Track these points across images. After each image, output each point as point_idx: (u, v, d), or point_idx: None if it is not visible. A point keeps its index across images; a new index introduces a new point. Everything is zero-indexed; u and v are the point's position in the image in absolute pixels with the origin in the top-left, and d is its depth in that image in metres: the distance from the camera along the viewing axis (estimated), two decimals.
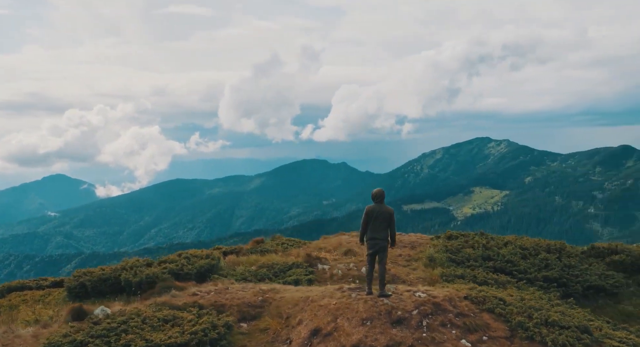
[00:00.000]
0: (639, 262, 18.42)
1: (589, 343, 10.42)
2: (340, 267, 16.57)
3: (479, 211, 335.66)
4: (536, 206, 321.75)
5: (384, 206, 11.93)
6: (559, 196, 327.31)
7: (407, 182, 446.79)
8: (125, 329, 10.50)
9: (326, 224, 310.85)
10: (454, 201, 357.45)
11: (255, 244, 21.02)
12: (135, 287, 16.46)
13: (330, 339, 10.27)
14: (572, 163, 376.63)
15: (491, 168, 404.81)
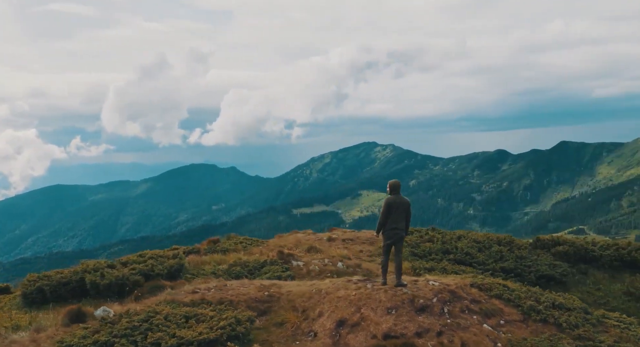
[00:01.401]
0: (580, 252, 19.86)
1: (594, 323, 11.23)
2: (315, 263, 16.65)
3: (367, 213, 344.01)
4: (420, 208, 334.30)
5: (402, 197, 12.21)
6: (441, 198, 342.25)
7: (297, 186, 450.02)
8: (149, 328, 10.06)
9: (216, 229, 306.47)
10: (343, 204, 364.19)
11: (211, 243, 20.58)
12: (103, 290, 15.70)
13: (359, 329, 10.38)
14: (452, 167, 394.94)
15: (378, 172, 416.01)
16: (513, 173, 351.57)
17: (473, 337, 10.18)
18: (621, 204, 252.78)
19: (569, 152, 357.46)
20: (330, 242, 20.60)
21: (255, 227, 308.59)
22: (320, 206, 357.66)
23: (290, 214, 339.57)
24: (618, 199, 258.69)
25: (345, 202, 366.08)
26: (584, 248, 19.88)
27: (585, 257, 19.75)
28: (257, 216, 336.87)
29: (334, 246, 20.01)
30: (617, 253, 19.61)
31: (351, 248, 19.74)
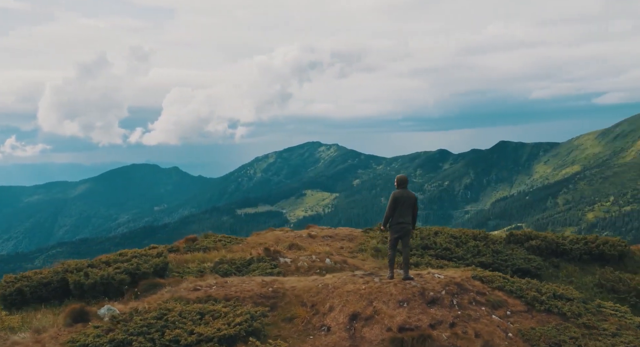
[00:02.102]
0: (552, 246, 20.52)
1: (594, 312, 11.67)
2: (303, 259, 16.64)
3: (311, 213, 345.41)
4: (364, 207, 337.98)
5: (408, 192, 12.34)
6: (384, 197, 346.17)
7: (241, 186, 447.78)
8: (165, 325, 9.86)
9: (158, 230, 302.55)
10: (287, 204, 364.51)
11: (189, 242, 20.29)
12: (87, 290, 15.29)
13: (373, 322, 10.47)
14: (395, 166, 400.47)
15: (322, 171, 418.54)
16: (454, 172, 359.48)
17: (485, 328, 10.43)
18: (557, 202, 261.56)
19: (508, 152, 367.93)
20: (310, 239, 20.64)
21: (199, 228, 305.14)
22: (264, 206, 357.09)
23: (234, 214, 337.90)
24: (554, 197, 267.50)
25: (289, 202, 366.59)
26: (555, 242, 20.56)
27: (557, 251, 20.42)
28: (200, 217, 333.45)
29: (315, 243, 20.06)
30: (586, 247, 20.34)
31: (332, 245, 19.83)
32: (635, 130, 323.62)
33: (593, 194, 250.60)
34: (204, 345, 9.38)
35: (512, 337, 10.36)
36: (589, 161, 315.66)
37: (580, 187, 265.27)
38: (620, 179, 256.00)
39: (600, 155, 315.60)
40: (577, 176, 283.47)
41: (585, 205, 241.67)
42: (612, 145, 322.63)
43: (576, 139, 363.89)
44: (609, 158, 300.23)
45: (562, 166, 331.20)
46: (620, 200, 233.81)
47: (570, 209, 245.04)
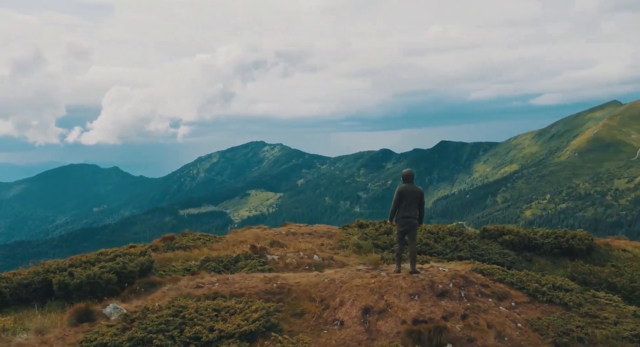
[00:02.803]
0: (524, 241, 21.12)
1: (592, 301, 12.09)
2: (291, 256, 16.60)
3: (255, 213, 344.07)
4: (308, 207, 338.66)
5: (414, 186, 12.44)
6: (328, 196, 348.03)
7: (184, 186, 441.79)
8: (183, 322, 9.69)
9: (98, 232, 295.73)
10: (231, 204, 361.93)
11: (168, 240, 19.91)
12: (73, 290, 14.84)
13: (387, 315, 10.56)
14: (339, 166, 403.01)
15: (266, 171, 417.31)
16: (397, 171, 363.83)
17: (495, 319, 10.68)
18: (496, 200, 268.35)
19: (449, 152, 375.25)
20: (290, 236, 20.58)
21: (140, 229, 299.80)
22: (208, 206, 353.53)
23: (177, 214, 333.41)
24: (493, 195, 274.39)
25: (233, 201, 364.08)
26: (528, 237, 21.17)
27: (529, 245, 21.03)
28: (142, 218, 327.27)
29: (295, 240, 20.03)
30: (556, 241, 21.02)
31: (312, 242, 19.84)
32: (570, 130, 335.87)
33: (530, 192, 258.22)
34: (225, 341, 9.28)
35: (521, 327, 10.65)
36: (526, 160, 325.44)
37: (519, 186, 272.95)
38: (556, 178, 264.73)
39: (537, 155, 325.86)
40: (516, 175, 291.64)
41: (523, 203, 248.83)
42: (548, 145, 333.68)
43: (514, 139, 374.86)
44: (545, 157, 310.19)
45: (501, 165, 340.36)
46: (556, 198, 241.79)
47: (509, 207, 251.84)
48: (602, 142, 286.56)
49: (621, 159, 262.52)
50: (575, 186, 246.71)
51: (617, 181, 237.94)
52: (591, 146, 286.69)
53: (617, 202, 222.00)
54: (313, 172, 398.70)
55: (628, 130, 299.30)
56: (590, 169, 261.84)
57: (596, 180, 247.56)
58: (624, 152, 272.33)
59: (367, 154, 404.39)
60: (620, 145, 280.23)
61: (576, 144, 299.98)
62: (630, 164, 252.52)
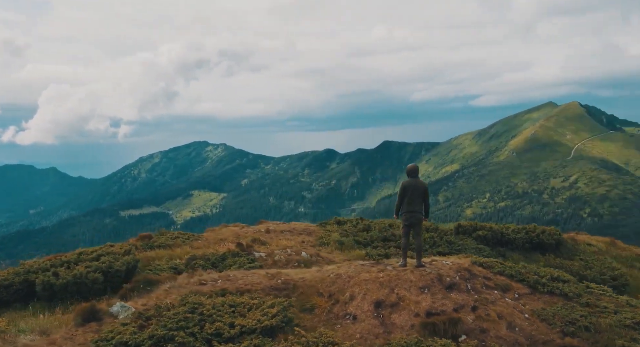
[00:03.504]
0: (497, 236, 21.62)
1: (588, 292, 12.49)
2: (278, 253, 16.48)
3: (199, 213, 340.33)
4: (252, 207, 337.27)
5: (418, 181, 12.52)
6: (272, 196, 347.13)
7: (124, 187, 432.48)
8: (202, 319, 9.50)
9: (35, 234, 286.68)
10: (173, 205, 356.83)
11: (145, 240, 19.46)
12: (58, 291, 14.35)
13: (400, 309, 10.63)
14: (284, 166, 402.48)
15: (209, 171, 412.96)
16: (341, 171, 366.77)
17: (504, 310, 10.91)
18: (438, 199, 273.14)
19: (392, 151, 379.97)
20: (269, 234, 20.45)
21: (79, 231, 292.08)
22: (150, 207, 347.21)
23: (117, 216, 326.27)
24: (435, 194, 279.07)
25: (176, 202, 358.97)
26: (501, 232, 21.69)
27: (502, 240, 21.54)
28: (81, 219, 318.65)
29: (275, 237, 19.91)
30: (527, 236, 21.61)
31: (293, 239, 19.78)
32: (508, 131, 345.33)
33: (471, 191, 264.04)
34: (247, 337, 9.16)
35: (528, 317, 10.92)
36: (467, 160, 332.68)
37: (459, 185, 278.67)
38: (495, 177, 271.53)
39: (477, 155, 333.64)
40: (457, 174, 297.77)
41: (464, 201, 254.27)
42: (487, 145, 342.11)
43: (455, 139, 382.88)
44: (485, 157, 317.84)
45: (442, 165, 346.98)
46: (495, 197, 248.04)
47: (450, 206, 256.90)
48: (538, 143, 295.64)
49: (557, 159, 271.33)
50: (513, 185, 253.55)
51: (553, 180, 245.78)
52: (528, 146, 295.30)
53: (553, 200, 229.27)
54: (257, 172, 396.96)
55: (563, 131, 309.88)
56: (527, 168, 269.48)
57: (533, 179, 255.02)
58: (559, 152, 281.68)
59: (311, 154, 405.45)
60: (555, 146, 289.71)
61: (514, 144, 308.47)
62: (565, 164, 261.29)
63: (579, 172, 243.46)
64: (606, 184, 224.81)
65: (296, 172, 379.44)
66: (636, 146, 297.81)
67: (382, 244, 19.38)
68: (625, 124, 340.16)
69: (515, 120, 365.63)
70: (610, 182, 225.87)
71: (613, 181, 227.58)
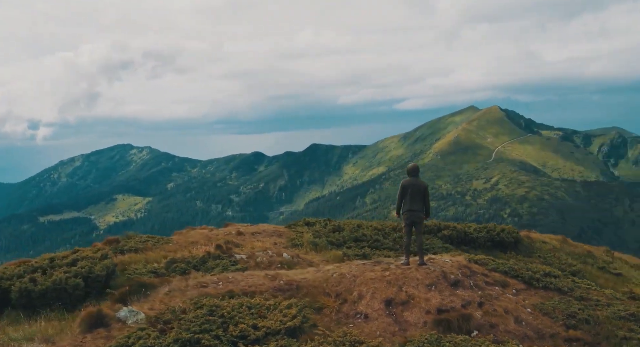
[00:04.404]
0: (461, 235, 22.17)
1: (577, 286, 13.01)
2: (260, 255, 16.31)
3: (123, 218, 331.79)
4: (179, 211, 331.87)
5: (418, 180, 12.69)
6: (199, 200, 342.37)
7: (44, 191, 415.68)
8: (224, 321, 9.29)
9: None
10: (96, 210, 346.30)
11: (114, 243, 18.76)
12: (36, 298, 13.69)
13: (411, 306, 10.75)
14: (211, 169, 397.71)
15: (134, 175, 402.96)
16: (269, 174, 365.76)
17: (509, 305, 11.23)
18: (365, 201, 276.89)
19: (319, 154, 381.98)
20: (241, 236, 20.16)
21: None
22: (70, 212, 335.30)
23: (36, 222, 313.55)
24: (362, 196, 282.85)
25: (99, 207, 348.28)
26: (464, 232, 22.25)
27: (465, 239, 22.11)
28: None
29: (247, 239, 19.66)
30: (488, 235, 22.27)
31: (265, 241, 19.59)
32: (433, 134, 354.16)
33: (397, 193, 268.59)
34: (272, 338, 9.05)
35: (531, 312, 11.29)
36: (393, 162, 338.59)
37: (386, 187, 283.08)
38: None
39: (403, 157, 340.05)
40: (383, 177, 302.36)
41: (390, 203, 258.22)
42: (412, 148, 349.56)
43: (381, 141, 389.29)
44: (410, 159, 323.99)
45: (369, 167, 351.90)
46: None
47: (377, 208, 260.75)
48: (461, 145, 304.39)
49: (478, 161, 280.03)
50: (437, 186, 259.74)
51: (475, 182, 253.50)
52: (452, 149, 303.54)
53: (475, 201, 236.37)
54: (183, 176, 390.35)
55: (484, 134, 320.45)
56: (451, 170, 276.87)
57: (457, 181, 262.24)
58: (481, 155, 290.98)
59: (239, 157, 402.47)
60: (477, 148, 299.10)
61: (438, 147, 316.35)
62: (487, 166, 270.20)
63: (500, 174, 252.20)
64: (525, 185, 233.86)
65: (224, 176, 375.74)
66: (552, 149, 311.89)
67: (354, 245, 19.52)
68: (542, 128, 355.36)
69: (439, 124, 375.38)
70: (528, 184, 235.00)
71: (531, 182, 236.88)
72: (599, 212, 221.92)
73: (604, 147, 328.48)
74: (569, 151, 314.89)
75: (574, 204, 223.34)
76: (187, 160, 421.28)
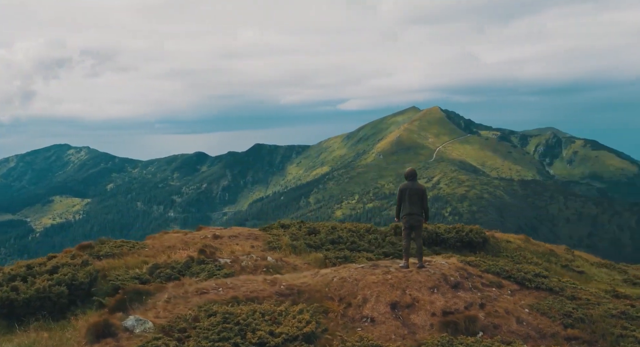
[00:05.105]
0: (432, 236, 22.51)
1: (568, 286, 13.42)
2: (244, 258, 16.16)
3: (60, 220, 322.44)
4: (119, 212, 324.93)
5: (416, 184, 12.82)
6: (140, 201, 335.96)
7: None
8: (241, 328, 9.17)
9: None
10: (32, 212, 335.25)
11: (87, 249, 18.19)
12: (19, 307, 13.20)
13: (416, 309, 10.87)
14: (152, 169, 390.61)
15: (72, 176, 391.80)
16: (212, 175, 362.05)
17: (509, 306, 11.51)
18: (309, 201, 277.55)
19: (263, 154, 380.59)
20: (218, 239, 19.89)
21: None
22: (4, 215, 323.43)
23: None
24: (306, 196, 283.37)
25: (35, 209, 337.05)
26: (435, 232, 22.61)
27: (436, 240, 22.47)
28: None
29: (224, 243, 19.42)
30: (457, 235, 22.70)
31: (243, 244, 19.39)
32: (375, 134, 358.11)
33: (340, 192, 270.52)
34: (290, 344, 9.01)
35: (529, 312, 11.60)
36: (336, 162, 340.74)
37: (330, 187, 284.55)
38: (364, 179, 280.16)
39: (346, 157, 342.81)
40: (327, 177, 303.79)
41: (334, 203, 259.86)
42: (355, 148, 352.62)
43: (325, 141, 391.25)
44: (353, 159, 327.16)
45: (312, 167, 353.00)
46: (364, 198, 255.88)
47: (321, 208, 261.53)
48: (403, 145, 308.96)
49: (420, 161, 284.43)
50: (380, 186, 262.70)
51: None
52: (394, 149, 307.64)
53: None
54: (124, 176, 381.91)
55: (425, 134, 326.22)
56: (393, 170, 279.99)
57: (399, 180, 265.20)
58: (422, 155, 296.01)
59: (181, 157, 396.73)
60: (418, 148, 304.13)
61: (381, 147, 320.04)
62: (428, 166, 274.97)
63: (441, 174, 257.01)
64: (465, 184, 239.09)
65: (165, 176, 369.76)
66: (491, 149, 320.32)
67: (332, 247, 19.58)
68: (481, 128, 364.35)
69: (381, 124, 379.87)
70: (468, 183, 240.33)
71: (471, 181, 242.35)
72: (535, 210, 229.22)
73: (539, 147, 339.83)
74: (507, 151, 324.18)
75: (511, 203, 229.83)
76: (128, 161, 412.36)
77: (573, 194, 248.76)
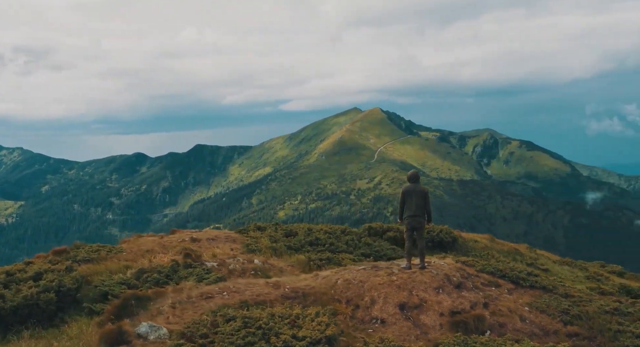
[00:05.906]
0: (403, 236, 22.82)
1: (560, 284, 13.83)
2: (231, 262, 15.94)
3: None
4: (54, 215, 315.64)
5: (418, 186, 12.95)
6: (77, 204, 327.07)
7: None
8: (263, 333, 9.06)
9: None
10: None
11: (64, 254, 17.55)
12: (7, 315, 12.68)
13: (425, 309, 11.00)
14: (89, 171, 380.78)
15: (4, 177, 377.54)
16: (152, 176, 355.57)
17: (510, 304, 11.78)
18: (252, 202, 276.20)
19: (204, 155, 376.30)
20: (196, 242, 19.53)
21: None
22: None
23: None
24: (249, 197, 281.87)
25: None
26: None
27: None
28: None
29: (203, 246, 19.09)
30: (429, 235, 23.03)
31: (223, 247, 19.12)
32: (318, 135, 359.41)
33: (283, 193, 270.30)
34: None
35: (529, 310, 11.91)
36: (279, 163, 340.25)
37: (272, 188, 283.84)
38: (306, 179, 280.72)
39: (289, 158, 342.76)
40: (269, 177, 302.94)
41: (277, 204, 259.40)
42: (298, 149, 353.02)
43: (267, 142, 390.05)
44: (296, 160, 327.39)
45: (255, 168, 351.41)
46: (306, 198, 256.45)
47: (263, 209, 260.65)
48: (345, 146, 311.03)
49: (362, 161, 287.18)
50: (323, 186, 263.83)
51: (359, 182, 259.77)
52: (336, 149, 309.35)
53: (359, 200, 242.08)
54: (59, 178, 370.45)
55: (367, 135, 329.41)
56: (335, 170, 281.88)
57: (341, 181, 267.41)
58: (364, 155, 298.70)
59: (120, 158, 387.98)
60: (360, 149, 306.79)
61: (323, 148, 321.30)
62: (370, 166, 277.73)
63: (382, 174, 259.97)
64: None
65: (103, 178, 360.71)
66: (431, 149, 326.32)
67: (311, 248, 19.55)
68: (421, 129, 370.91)
69: (323, 125, 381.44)
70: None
71: None
72: (473, 209, 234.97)
73: (477, 148, 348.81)
74: (446, 151, 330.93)
75: (451, 202, 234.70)
76: (64, 162, 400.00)
77: (509, 194, 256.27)
